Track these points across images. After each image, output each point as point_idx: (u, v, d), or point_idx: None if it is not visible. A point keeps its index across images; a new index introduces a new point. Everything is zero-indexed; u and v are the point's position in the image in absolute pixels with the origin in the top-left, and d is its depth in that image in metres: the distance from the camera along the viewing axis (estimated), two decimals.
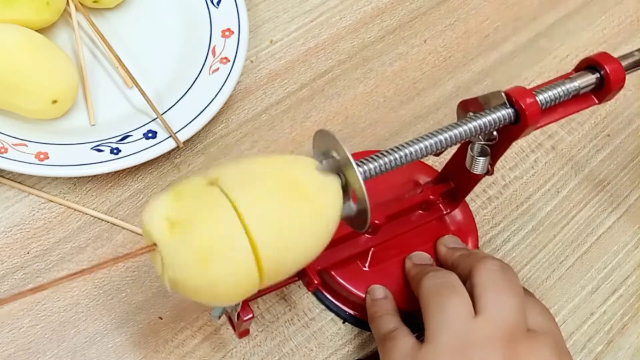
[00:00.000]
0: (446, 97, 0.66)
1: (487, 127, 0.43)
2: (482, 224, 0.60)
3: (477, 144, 0.46)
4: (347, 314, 0.54)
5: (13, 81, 0.54)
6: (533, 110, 0.43)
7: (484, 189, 0.62)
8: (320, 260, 0.50)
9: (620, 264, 0.60)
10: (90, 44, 0.63)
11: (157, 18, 0.65)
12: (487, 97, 0.44)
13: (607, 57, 0.46)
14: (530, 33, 0.72)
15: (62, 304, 0.52)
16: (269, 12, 0.69)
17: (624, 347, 0.57)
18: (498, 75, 0.68)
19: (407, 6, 0.72)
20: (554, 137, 0.66)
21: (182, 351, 0.51)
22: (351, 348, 0.54)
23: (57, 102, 0.56)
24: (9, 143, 0.55)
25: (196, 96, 0.59)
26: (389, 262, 0.53)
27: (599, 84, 0.46)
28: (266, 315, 0.54)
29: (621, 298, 0.59)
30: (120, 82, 0.61)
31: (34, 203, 0.56)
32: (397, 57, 0.68)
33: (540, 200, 0.62)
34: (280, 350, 0.53)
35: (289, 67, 0.66)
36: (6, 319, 0.51)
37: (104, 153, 0.55)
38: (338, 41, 0.68)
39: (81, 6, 0.62)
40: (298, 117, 0.63)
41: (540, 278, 0.58)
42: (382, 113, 0.65)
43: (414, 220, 0.54)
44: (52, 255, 0.54)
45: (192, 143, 0.60)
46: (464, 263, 0.48)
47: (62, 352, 0.50)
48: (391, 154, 0.41)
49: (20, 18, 0.57)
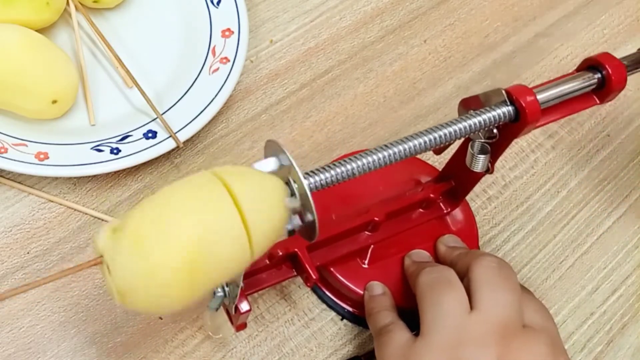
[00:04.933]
0: (446, 97, 0.66)
1: (486, 125, 0.43)
2: (482, 224, 0.60)
3: (478, 142, 0.46)
4: (346, 311, 0.54)
5: (13, 81, 0.54)
6: (533, 109, 0.43)
7: (484, 188, 0.62)
8: (320, 256, 0.51)
9: (620, 264, 0.60)
10: (90, 44, 0.63)
11: (157, 18, 0.66)
12: (488, 94, 0.44)
13: (609, 57, 0.46)
14: (530, 33, 0.72)
15: (62, 304, 0.52)
16: (269, 12, 0.69)
17: (624, 347, 0.57)
18: (498, 75, 0.68)
19: (407, 6, 0.72)
20: (554, 137, 0.66)
21: (182, 351, 0.51)
22: (351, 348, 0.53)
23: (57, 102, 0.56)
24: (9, 143, 0.55)
25: (196, 96, 0.59)
26: (389, 260, 0.53)
27: (600, 84, 0.46)
28: (266, 315, 0.54)
29: (621, 298, 0.59)
30: (120, 82, 0.61)
31: (34, 203, 0.56)
32: (397, 57, 0.68)
33: (540, 200, 0.62)
34: (280, 350, 0.52)
35: (289, 67, 0.66)
36: (6, 319, 0.51)
37: (104, 153, 0.55)
38: (338, 41, 0.68)
39: (81, 6, 0.62)
40: (298, 117, 0.63)
41: (540, 278, 0.58)
42: (382, 113, 0.65)
43: (415, 219, 0.54)
44: (52, 255, 0.54)
45: (192, 143, 0.60)
46: (462, 260, 0.48)
47: (62, 352, 0.50)
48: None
49: (20, 18, 0.57)
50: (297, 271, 0.49)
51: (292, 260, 0.49)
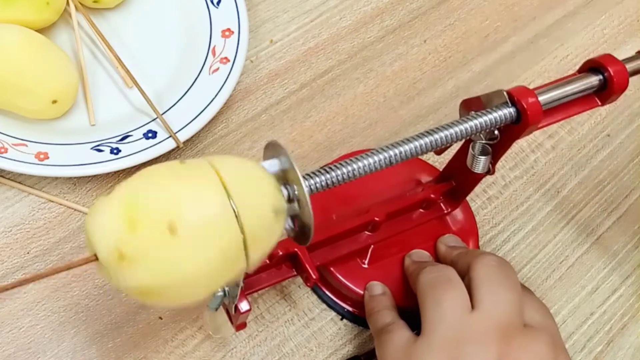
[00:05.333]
0: (446, 97, 0.66)
1: (487, 126, 0.43)
2: (482, 224, 0.60)
3: (479, 143, 0.46)
4: (346, 311, 0.54)
5: (13, 81, 0.54)
6: (535, 110, 0.43)
7: (484, 189, 0.62)
8: (320, 256, 0.51)
9: (620, 264, 0.60)
10: (90, 44, 0.63)
11: (157, 18, 0.65)
12: (489, 95, 0.44)
13: (611, 59, 0.46)
14: (530, 33, 0.72)
15: (62, 304, 0.52)
16: (269, 12, 0.69)
17: (624, 347, 0.57)
18: (498, 75, 0.68)
19: (407, 6, 0.72)
20: (554, 137, 0.66)
21: (182, 351, 0.51)
22: (351, 348, 0.53)
23: (57, 102, 0.56)
24: (9, 143, 0.55)
25: (196, 96, 0.59)
26: (389, 260, 0.53)
27: (602, 85, 0.46)
28: (266, 315, 0.54)
29: (621, 298, 0.59)
30: (120, 82, 0.61)
31: (34, 203, 0.56)
32: (397, 57, 0.68)
33: (540, 200, 0.62)
34: (280, 350, 0.52)
35: (289, 67, 0.66)
36: (6, 319, 0.51)
37: (104, 153, 0.55)
38: (338, 41, 0.68)
39: (81, 6, 0.62)
40: (298, 117, 0.63)
41: (540, 278, 0.58)
42: (382, 113, 0.65)
43: (415, 219, 0.54)
44: (52, 255, 0.54)
45: (192, 143, 0.60)
46: (462, 260, 0.48)
47: (62, 352, 0.50)
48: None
49: (20, 18, 0.57)
50: (297, 271, 0.49)
51: (292, 260, 0.49)
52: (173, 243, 0.34)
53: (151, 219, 0.34)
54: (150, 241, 0.34)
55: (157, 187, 0.35)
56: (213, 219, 0.34)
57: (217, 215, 0.34)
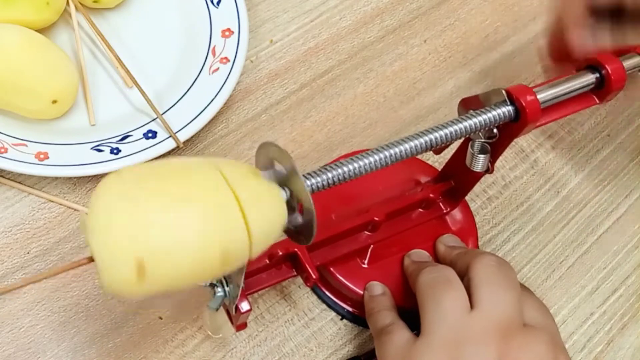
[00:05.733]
0: (446, 97, 0.66)
1: (486, 124, 0.43)
2: (482, 224, 0.60)
3: (478, 142, 0.46)
4: (346, 311, 0.54)
5: (13, 81, 0.54)
6: (533, 108, 0.43)
7: (484, 188, 0.62)
8: (320, 256, 0.51)
9: (620, 264, 0.60)
10: (90, 44, 0.63)
11: (157, 18, 0.66)
12: (488, 94, 0.44)
13: (609, 57, 0.46)
14: (530, 33, 0.72)
15: (62, 304, 0.52)
16: (269, 12, 0.69)
17: (624, 347, 0.57)
18: (498, 75, 0.68)
19: (407, 6, 0.72)
20: (554, 137, 0.66)
21: (182, 351, 0.51)
22: (351, 348, 0.53)
23: (57, 102, 0.56)
24: (9, 143, 0.55)
25: (196, 96, 0.59)
26: (389, 260, 0.53)
27: (599, 83, 0.46)
28: (266, 315, 0.54)
29: (621, 298, 0.59)
30: (120, 82, 0.61)
31: (34, 203, 0.56)
32: (397, 57, 0.68)
33: (540, 200, 0.62)
34: (280, 350, 0.52)
35: (289, 67, 0.66)
36: (6, 319, 0.51)
37: (104, 153, 0.55)
38: (338, 41, 0.68)
39: (81, 6, 0.62)
40: (298, 117, 0.63)
41: (540, 278, 0.58)
42: (382, 113, 0.65)
43: (414, 219, 0.54)
44: (52, 255, 0.54)
45: (192, 143, 0.60)
46: (461, 260, 0.48)
47: (62, 352, 0.50)
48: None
49: (20, 18, 0.57)
50: (297, 271, 0.49)
51: (292, 260, 0.49)
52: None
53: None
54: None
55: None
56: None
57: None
